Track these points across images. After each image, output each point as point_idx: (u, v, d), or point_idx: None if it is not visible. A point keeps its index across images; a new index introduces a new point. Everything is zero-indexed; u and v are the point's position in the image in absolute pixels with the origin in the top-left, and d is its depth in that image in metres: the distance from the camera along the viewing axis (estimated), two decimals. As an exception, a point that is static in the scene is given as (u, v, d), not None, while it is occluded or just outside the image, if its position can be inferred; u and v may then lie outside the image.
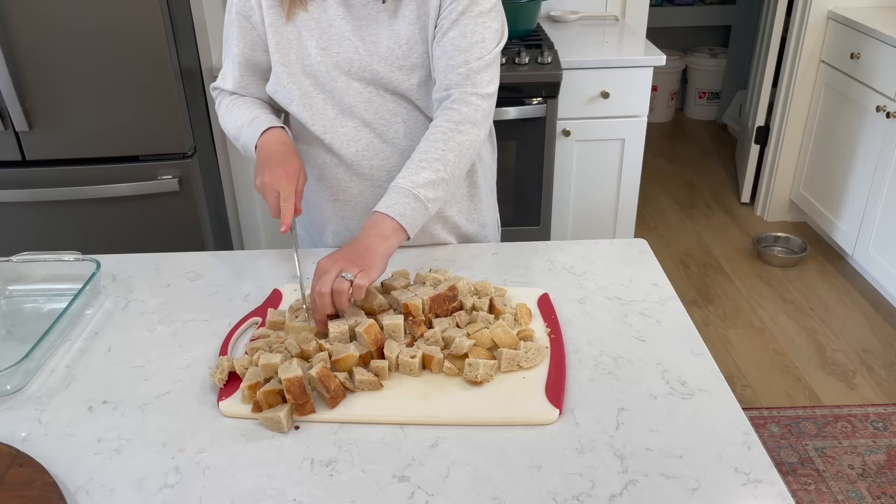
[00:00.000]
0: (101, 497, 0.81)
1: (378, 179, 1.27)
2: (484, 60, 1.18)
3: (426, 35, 1.19)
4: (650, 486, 0.81)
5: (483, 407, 0.91)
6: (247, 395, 0.92)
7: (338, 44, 1.19)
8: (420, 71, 1.20)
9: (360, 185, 1.28)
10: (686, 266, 3.12)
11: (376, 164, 1.26)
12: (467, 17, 1.16)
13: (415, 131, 1.25)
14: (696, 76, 4.69)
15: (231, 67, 1.28)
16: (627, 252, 1.28)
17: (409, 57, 1.19)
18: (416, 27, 1.18)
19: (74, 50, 2.01)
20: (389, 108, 1.23)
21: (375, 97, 1.22)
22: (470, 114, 1.17)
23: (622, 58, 2.45)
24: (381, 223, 1.09)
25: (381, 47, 1.19)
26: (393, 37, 1.18)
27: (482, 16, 1.17)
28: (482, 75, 1.18)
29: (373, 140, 1.24)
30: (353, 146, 1.25)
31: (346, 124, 1.24)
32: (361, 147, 1.24)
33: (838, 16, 2.96)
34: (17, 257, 1.20)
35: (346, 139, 1.24)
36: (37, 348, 0.99)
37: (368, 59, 1.19)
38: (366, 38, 1.19)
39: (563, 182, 2.62)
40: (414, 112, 1.24)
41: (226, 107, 1.30)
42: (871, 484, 1.99)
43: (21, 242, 2.22)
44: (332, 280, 1.00)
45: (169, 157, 2.17)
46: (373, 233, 1.08)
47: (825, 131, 3.11)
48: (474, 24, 1.17)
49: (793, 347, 2.58)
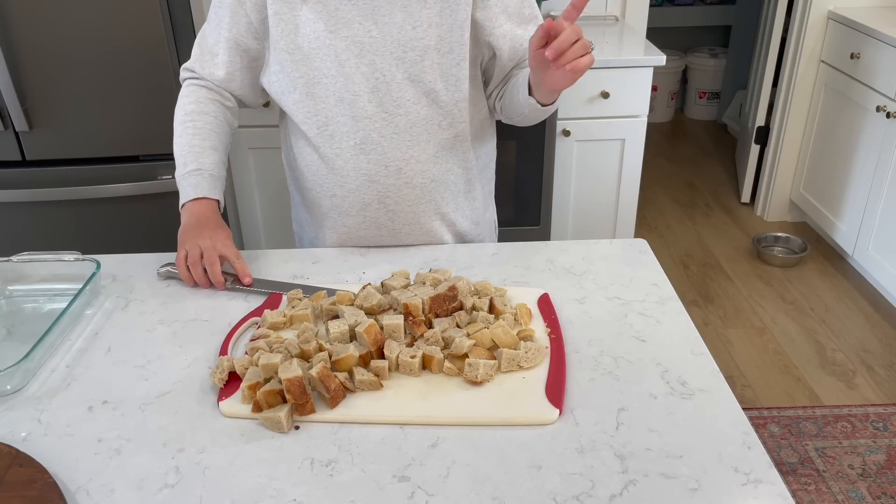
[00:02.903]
0: (101, 497, 0.81)
1: (375, 174, 1.25)
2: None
3: (448, 19, 1.18)
4: (650, 486, 0.81)
5: (483, 407, 0.91)
6: (247, 395, 0.92)
7: (347, 27, 1.17)
8: (433, 54, 1.19)
9: (357, 180, 1.26)
10: (686, 266, 3.12)
11: (374, 157, 1.24)
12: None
13: (416, 124, 1.23)
14: (696, 76, 4.69)
15: (223, 51, 1.26)
16: (627, 252, 1.28)
17: (424, 39, 1.18)
18: (433, 10, 1.17)
19: (74, 50, 2.01)
20: (394, 96, 1.21)
21: (381, 84, 1.20)
22: None
23: (622, 58, 2.45)
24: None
25: (395, 28, 1.17)
26: (408, 18, 1.17)
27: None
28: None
29: (371, 133, 1.22)
30: (351, 140, 1.23)
31: (345, 113, 1.22)
32: (359, 139, 1.23)
33: (838, 16, 2.96)
34: (17, 257, 1.20)
35: (346, 130, 1.23)
36: (37, 348, 0.99)
37: (381, 41, 1.18)
38: (378, 21, 1.17)
39: (563, 182, 2.62)
40: (421, 100, 1.22)
41: (182, 116, 1.28)
42: (871, 484, 1.99)
43: (21, 242, 2.22)
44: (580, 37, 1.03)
45: (169, 157, 2.15)
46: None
47: (825, 131, 3.11)
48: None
49: (793, 347, 2.58)
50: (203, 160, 1.25)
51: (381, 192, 1.27)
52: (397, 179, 1.26)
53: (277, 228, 2.65)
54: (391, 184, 1.26)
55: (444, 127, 1.25)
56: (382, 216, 1.29)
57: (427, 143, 1.25)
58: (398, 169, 1.25)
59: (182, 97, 1.30)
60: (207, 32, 1.28)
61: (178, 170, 1.27)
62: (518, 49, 1.24)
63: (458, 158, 1.30)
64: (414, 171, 1.26)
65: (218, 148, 1.28)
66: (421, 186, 1.27)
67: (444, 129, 1.25)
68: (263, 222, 2.66)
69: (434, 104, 1.23)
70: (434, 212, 1.31)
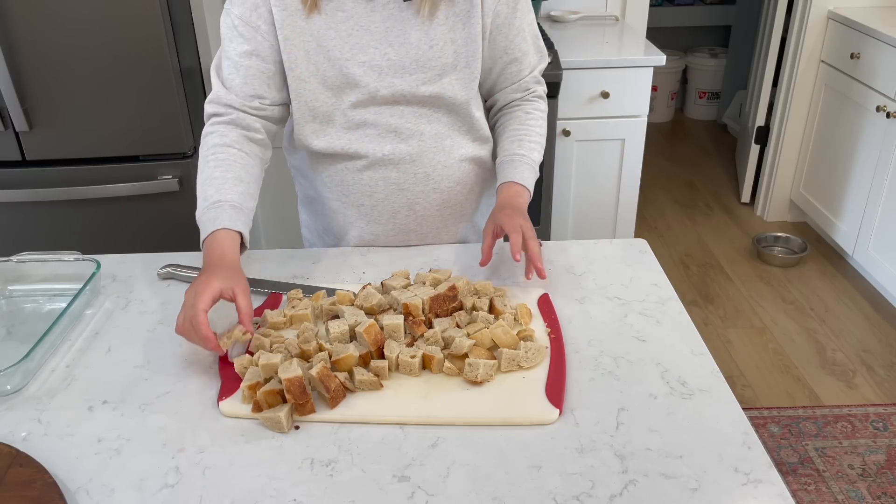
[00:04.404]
0: (101, 497, 0.81)
1: (404, 182, 1.26)
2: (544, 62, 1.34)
3: (462, 34, 1.18)
4: (650, 486, 0.81)
5: (483, 407, 0.91)
6: (247, 395, 0.92)
7: (363, 52, 1.16)
8: (451, 71, 1.19)
9: (386, 189, 1.26)
10: (686, 266, 3.12)
11: (403, 167, 1.25)
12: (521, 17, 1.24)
13: (439, 133, 1.24)
14: (696, 76, 4.69)
15: (237, 76, 1.18)
16: (627, 252, 1.28)
17: (441, 57, 1.18)
18: (446, 26, 1.17)
19: (74, 50, 2.01)
20: (415, 111, 1.21)
21: (401, 100, 1.20)
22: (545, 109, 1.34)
23: (622, 58, 2.45)
24: (522, 194, 1.23)
25: (412, 49, 1.17)
26: (423, 38, 1.17)
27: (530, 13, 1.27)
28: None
29: (398, 145, 1.23)
30: (379, 151, 1.23)
31: (370, 133, 1.22)
32: (387, 152, 1.23)
33: (838, 16, 2.96)
34: (17, 257, 1.20)
35: (371, 146, 1.22)
36: (37, 348, 0.99)
37: (399, 62, 1.17)
38: (393, 42, 1.17)
39: (563, 182, 2.62)
40: (441, 110, 1.23)
41: (206, 151, 1.17)
42: (871, 484, 1.99)
43: (21, 242, 2.22)
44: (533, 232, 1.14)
45: (169, 157, 2.17)
46: (520, 202, 1.22)
47: (825, 131, 3.11)
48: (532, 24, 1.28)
49: (793, 347, 2.58)
50: (224, 192, 1.12)
51: (411, 200, 1.28)
52: (426, 186, 1.27)
53: (277, 228, 2.65)
54: (420, 190, 1.27)
55: (464, 132, 1.27)
56: (411, 223, 1.30)
57: (451, 149, 1.26)
58: (426, 175, 1.26)
59: (205, 136, 1.19)
60: (221, 64, 1.21)
61: (199, 206, 1.13)
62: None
63: (479, 160, 1.31)
64: (441, 175, 1.27)
65: (244, 179, 1.15)
66: (447, 190, 1.29)
67: (464, 133, 1.27)
68: (263, 222, 2.66)
69: (454, 113, 1.24)
70: (459, 214, 1.33)
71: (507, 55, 1.25)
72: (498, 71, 1.27)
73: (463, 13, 1.17)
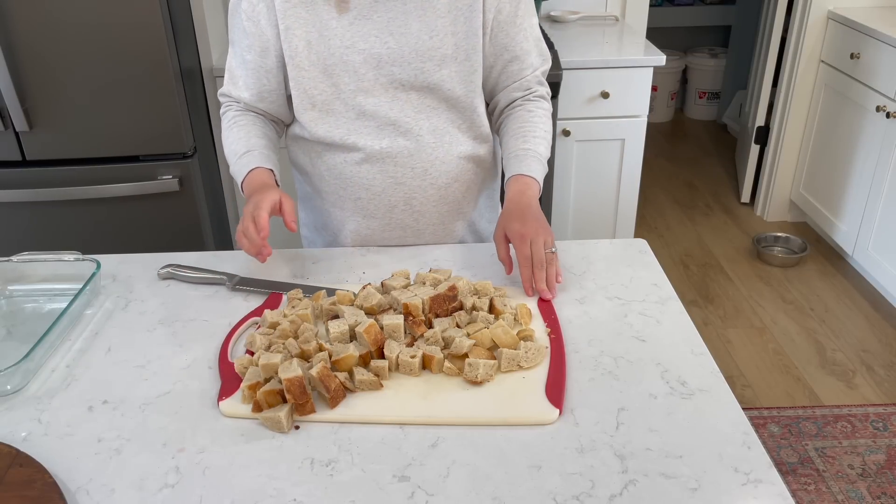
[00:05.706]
0: (101, 497, 0.81)
1: (402, 176, 1.26)
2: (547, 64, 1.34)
3: (463, 27, 1.19)
4: (650, 486, 0.81)
5: (483, 407, 0.91)
6: (247, 395, 0.92)
7: (364, 40, 1.18)
8: (451, 63, 1.20)
9: (383, 183, 1.27)
10: (686, 266, 3.12)
11: (401, 161, 1.25)
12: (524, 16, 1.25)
13: (438, 128, 1.25)
14: (696, 76, 4.69)
15: (244, 73, 1.26)
16: (627, 252, 1.28)
17: (441, 48, 1.19)
18: (447, 19, 1.18)
19: (74, 50, 2.01)
20: (414, 104, 1.22)
21: (401, 93, 1.21)
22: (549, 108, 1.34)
23: (622, 58, 2.45)
24: (531, 185, 1.23)
25: (412, 39, 1.18)
26: (424, 28, 1.18)
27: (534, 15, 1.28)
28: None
29: (397, 138, 1.24)
30: (377, 144, 1.24)
31: (369, 124, 1.23)
32: (385, 145, 1.24)
33: (838, 16, 2.96)
34: (17, 257, 1.20)
35: (370, 139, 1.24)
36: (37, 348, 0.99)
37: (399, 52, 1.18)
38: (395, 32, 1.18)
39: (563, 182, 2.62)
40: (441, 105, 1.24)
41: (227, 124, 1.29)
42: (871, 484, 1.99)
43: (21, 242, 2.22)
44: (542, 248, 1.13)
45: (169, 157, 2.17)
46: (530, 195, 1.22)
47: (825, 131, 3.11)
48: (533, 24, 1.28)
49: (793, 347, 2.58)
50: (252, 143, 1.25)
51: (408, 194, 1.28)
52: (423, 181, 1.27)
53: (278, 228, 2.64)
54: (417, 185, 1.27)
55: (463, 129, 1.27)
56: (408, 218, 1.30)
57: (450, 145, 1.27)
58: (424, 170, 1.26)
59: (223, 114, 1.32)
60: (230, 56, 1.28)
61: (231, 162, 1.26)
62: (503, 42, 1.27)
63: (478, 158, 1.32)
64: (439, 171, 1.27)
65: (267, 135, 1.28)
66: (445, 187, 1.29)
67: (464, 131, 1.28)
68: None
69: (454, 109, 1.25)
70: (457, 212, 1.33)
71: (507, 52, 1.25)
72: (499, 69, 1.27)
73: (465, 6, 1.18)
